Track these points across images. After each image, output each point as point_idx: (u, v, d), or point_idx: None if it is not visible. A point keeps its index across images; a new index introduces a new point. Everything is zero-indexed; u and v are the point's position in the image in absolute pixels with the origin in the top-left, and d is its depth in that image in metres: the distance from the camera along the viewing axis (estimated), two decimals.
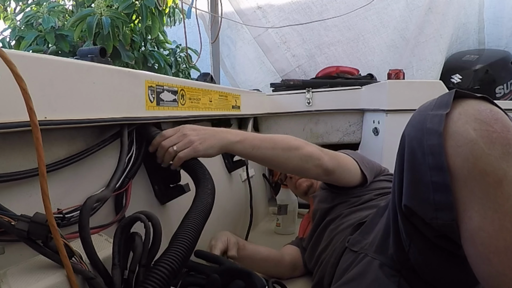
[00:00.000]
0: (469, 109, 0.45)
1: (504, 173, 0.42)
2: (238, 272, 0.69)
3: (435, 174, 0.46)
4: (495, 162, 0.42)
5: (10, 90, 0.46)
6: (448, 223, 0.46)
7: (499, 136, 0.43)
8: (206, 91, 1.07)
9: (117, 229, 0.58)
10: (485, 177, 0.43)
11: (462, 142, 0.44)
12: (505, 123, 0.44)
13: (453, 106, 0.47)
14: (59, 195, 0.64)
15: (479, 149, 0.43)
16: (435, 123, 0.47)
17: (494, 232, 0.42)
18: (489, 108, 0.45)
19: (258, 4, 2.30)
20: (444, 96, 0.50)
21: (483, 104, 0.46)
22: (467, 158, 0.43)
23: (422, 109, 0.51)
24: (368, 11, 2.11)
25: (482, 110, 0.45)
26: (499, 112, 0.45)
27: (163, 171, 0.93)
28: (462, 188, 0.44)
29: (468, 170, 0.43)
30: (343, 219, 0.91)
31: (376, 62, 2.18)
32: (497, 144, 0.42)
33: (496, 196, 0.42)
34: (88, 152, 0.68)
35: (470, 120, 0.44)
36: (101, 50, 0.74)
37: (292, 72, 2.30)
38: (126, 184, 0.76)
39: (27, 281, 0.48)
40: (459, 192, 0.45)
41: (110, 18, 1.73)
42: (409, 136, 0.51)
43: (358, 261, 0.71)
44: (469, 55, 2.13)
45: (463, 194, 0.45)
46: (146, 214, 0.59)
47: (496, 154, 0.42)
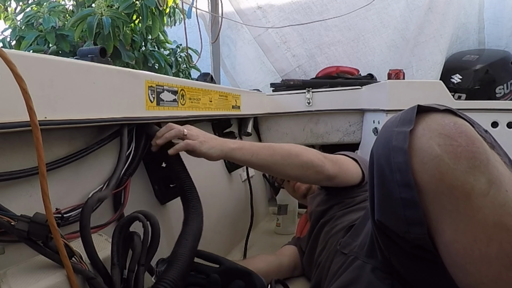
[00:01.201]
0: (432, 124, 0.45)
1: (471, 186, 0.42)
2: (238, 272, 0.69)
3: (404, 190, 0.47)
4: (462, 177, 0.42)
5: (10, 90, 0.46)
6: (421, 236, 0.47)
7: (464, 150, 0.43)
8: (206, 91, 1.07)
9: (115, 229, 0.58)
10: (453, 192, 0.43)
11: (428, 158, 0.44)
12: (470, 136, 0.44)
13: (417, 122, 0.47)
14: (59, 195, 0.64)
15: (445, 164, 0.43)
16: (399, 141, 0.47)
17: (468, 244, 0.43)
18: (453, 121, 0.45)
19: (258, 4, 2.30)
20: (408, 112, 0.50)
21: (447, 117, 0.46)
22: (434, 174, 0.43)
23: (388, 125, 0.52)
24: (368, 11, 2.11)
25: (445, 124, 0.45)
26: (463, 124, 0.45)
27: (163, 171, 0.93)
28: (432, 203, 0.45)
29: (435, 186, 0.44)
30: (336, 221, 0.92)
31: (376, 62, 2.18)
32: (463, 158, 0.42)
33: (466, 209, 0.42)
34: (88, 151, 0.68)
35: (434, 136, 0.44)
36: (101, 50, 0.74)
37: (292, 72, 2.30)
38: (124, 182, 0.76)
39: (27, 281, 0.48)
40: (429, 206, 0.45)
41: (111, 18, 1.73)
42: (377, 154, 0.51)
43: (348, 263, 0.71)
44: (469, 55, 2.13)
45: (434, 208, 0.45)
46: (144, 214, 0.59)
47: (462, 169, 0.42)
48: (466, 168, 0.42)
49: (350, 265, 0.70)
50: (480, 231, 0.42)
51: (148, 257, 0.58)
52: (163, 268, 0.67)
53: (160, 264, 0.69)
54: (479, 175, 0.42)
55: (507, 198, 0.42)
